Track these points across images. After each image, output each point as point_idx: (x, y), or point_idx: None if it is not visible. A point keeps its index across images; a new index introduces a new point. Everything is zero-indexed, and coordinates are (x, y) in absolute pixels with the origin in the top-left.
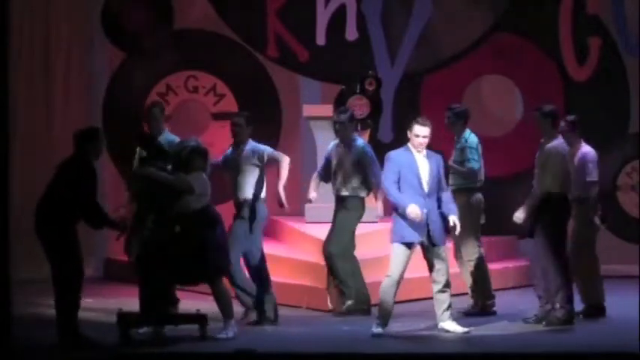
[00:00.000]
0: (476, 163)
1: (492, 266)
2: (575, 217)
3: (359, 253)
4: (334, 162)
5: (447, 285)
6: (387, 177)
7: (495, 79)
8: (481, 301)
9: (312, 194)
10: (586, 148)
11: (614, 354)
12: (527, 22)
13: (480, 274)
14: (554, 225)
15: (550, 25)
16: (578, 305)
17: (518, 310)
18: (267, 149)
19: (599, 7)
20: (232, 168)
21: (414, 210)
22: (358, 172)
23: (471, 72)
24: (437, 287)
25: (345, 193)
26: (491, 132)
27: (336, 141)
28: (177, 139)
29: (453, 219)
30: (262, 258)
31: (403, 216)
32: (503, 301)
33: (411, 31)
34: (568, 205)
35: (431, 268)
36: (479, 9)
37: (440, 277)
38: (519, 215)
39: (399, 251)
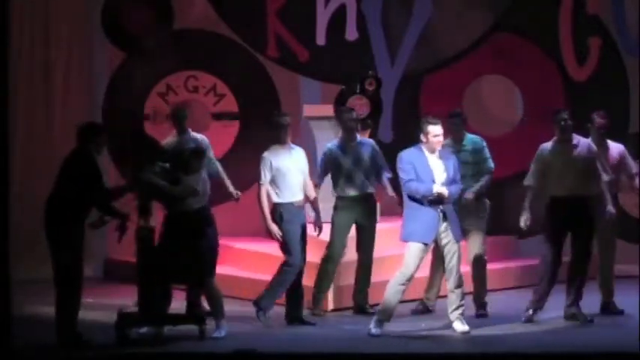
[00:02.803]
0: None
1: (493, 266)
2: None
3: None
4: (347, 161)
5: (459, 285)
6: (405, 175)
7: (495, 79)
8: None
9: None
10: None
11: (614, 354)
12: (527, 22)
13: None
14: None
15: (550, 25)
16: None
17: (518, 310)
18: None
19: (599, 7)
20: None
21: (439, 188)
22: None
23: (471, 72)
24: (448, 286)
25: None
26: (491, 132)
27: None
28: None
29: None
30: None
31: (417, 215)
32: (503, 301)
33: (411, 31)
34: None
35: (445, 266)
36: (479, 9)
37: (451, 276)
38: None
39: (415, 249)
